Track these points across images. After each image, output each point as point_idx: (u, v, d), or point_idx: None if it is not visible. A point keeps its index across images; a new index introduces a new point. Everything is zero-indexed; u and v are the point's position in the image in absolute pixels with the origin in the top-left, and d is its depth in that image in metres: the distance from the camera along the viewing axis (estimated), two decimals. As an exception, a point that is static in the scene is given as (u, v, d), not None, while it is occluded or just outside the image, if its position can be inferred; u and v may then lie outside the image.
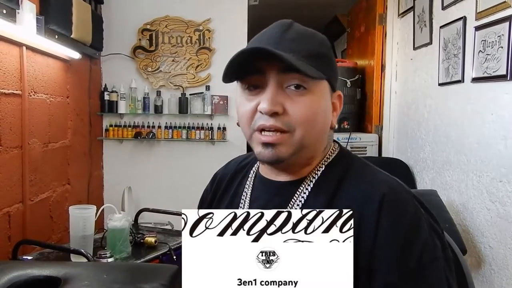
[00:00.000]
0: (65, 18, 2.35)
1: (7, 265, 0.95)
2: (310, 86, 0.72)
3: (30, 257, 1.79)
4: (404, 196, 0.73)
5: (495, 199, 1.88)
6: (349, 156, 0.83)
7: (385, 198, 0.70)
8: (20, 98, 2.07)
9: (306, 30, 0.77)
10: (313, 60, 0.72)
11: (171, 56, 3.26)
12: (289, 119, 0.72)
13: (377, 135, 3.23)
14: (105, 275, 0.89)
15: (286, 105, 0.71)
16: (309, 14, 4.65)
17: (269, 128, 0.72)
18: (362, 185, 0.74)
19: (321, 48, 0.76)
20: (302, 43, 0.73)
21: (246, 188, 0.86)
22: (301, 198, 0.77)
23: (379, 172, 0.78)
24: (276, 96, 0.71)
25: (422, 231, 0.69)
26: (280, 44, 0.72)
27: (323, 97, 0.75)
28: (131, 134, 3.23)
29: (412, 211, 0.71)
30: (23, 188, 2.09)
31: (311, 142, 0.75)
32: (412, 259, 0.67)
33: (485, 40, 1.91)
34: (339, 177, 0.77)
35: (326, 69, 0.74)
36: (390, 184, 0.74)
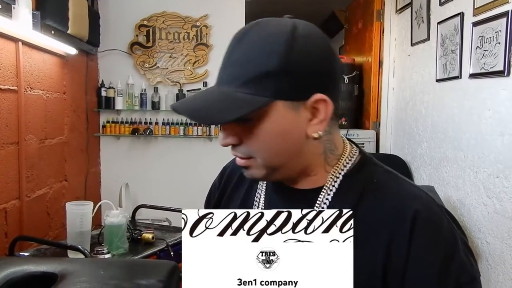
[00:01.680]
0: (62, 13, 2.34)
1: (3, 261, 0.95)
2: (256, 116, 0.67)
3: (27, 253, 1.79)
4: (437, 212, 0.69)
5: (492, 195, 1.89)
6: (371, 163, 0.77)
7: (418, 215, 0.66)
8: (16, 94, 2.06)
9: (263, 36, 0.67)
10: (254, 85, 0.66)
11: (168, 52, 3.25)
12: (246, 148, 0.71)
13: (375, 131, 3.24)
14: (102, 271, 0.89)
15: (242, 136, 0.70)
16: (307, 10, 4.64)
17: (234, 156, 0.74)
18: (389, 198, 0.70)
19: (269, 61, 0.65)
20: (245, 64, 0.67)
21: (259, 191, 0.83)
22: (324, 204, 0.74)
23: (406, 184, 0.74)
24: (231, 131, 0.71)
25: (458, 250, 0.67)
26: (223, 73, 0.70)
27: (274, 120, 0.67)
28: (128, 130, 3.22)
29: (447, 229, 0.68)
30: (19, 184, 2.08)
31: (279, 163, 0.71)
32: (451, 279, 0.65)
33: (483, 36, 1.91)
34: (361, 188, 0.72)
35: (275, 88, 0.66)
36: (421, 199, 0.70)
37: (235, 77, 0.67)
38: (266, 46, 0.66)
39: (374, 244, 0.68)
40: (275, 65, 0.65)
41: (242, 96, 0.66)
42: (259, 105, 0.66)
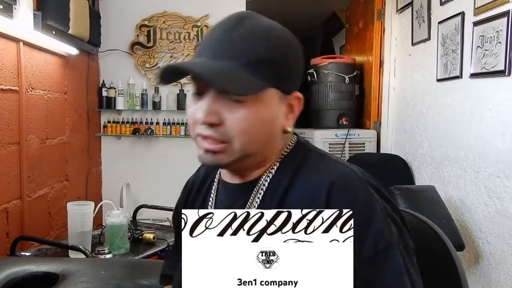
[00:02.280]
0: (63, 13, 2.34)
1: (5, 262, 0.95)
2: (249, 97, 0.68)
3: (28, 253, 1.79)
4: (355, 183, 0.70)
5: (493, 194, 1.89)
6: (305, 148, 0.79)
7: (333, 186, 0.68)
8: (18, 94, 2.07)
9: (260, 27, 0.71)
10: (256, 68, 0.68)
11: (169, 52, 3.26)
12: (226, 129, 0.69)
13: (376, 131, 3.24)
14: (103, 271, 0.90)
15: (224, 115, 0.68)
16: (307, 10, 4.64)
17: (206, 138, 0.70)
18: (312, 176, 0.72)
19: (269, 50, 0.69)
20: (248, 46, 0.68)
21: (212, 193, 0.85)
22: (257, 199, 0.75)
23: (333, 162, 0.75)
24: (213, 106, 0.68)
25: (375, 217, 0.67)
26: (221, 48, 0.69)
27: (266, 106, 0.70)
28: (129, 130, 3.22)
29: (363, 198, 0.68)
30: (21, 184, 2.08)
31: (254, 150, 0.72)
32: (367, 247, 0.65)
33: (483, 35, 1.91)
34: (292, 173, 0.74)
35: (272, 76, 0.69)
36: (340, 171, 0.72)
37: (235, 55, 0.68)
38: (266, 36, 0.70)
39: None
40: (275, 54, 0.69)
41: (247, 76, 0.67)
42: (264, 87, 0.69)
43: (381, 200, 0.70)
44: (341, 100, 3.30)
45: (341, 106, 3.30)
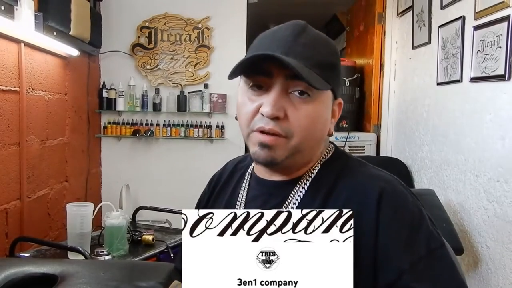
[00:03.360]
0: (64, 15, 2.35)
1: (4, 262, 0.95)
2: (314, 94, 0.72)
3: (27, 254, 1.79)
4: (402, 190, 0.75)
5: (493, 198, 1.89)
6: (344, 155, 0.83)
7: (383, 191, 0.71)
8: (18, 95, 2.07)
9: (319, 36, 0.76)
10: (321, 70, 0.72)
11: (170, 54, 3.26)
12: (289, 125, 0.72)
13: (376, 134, 3.24)
14: (102, 273, 0.89)
15: (288, 111, 0.71)
16: (308, 13, 4.64)
17: (268, 131, 0.72)
18: (358, 180, 0.75)
19: (331, 57, 0.76)
20: (314, 50, 0.73)
21: (242, 188, 0.86)
22: (297, 197, 0.77)
23: (374, 169, 0.79)
24: (279, 101, 0.71)
25: (424, 221, 0.71)
26: (292, 49, 0.71)
27: (325, 105, 0.76)
28: (129, 131, 3.23)
29: (412, 203, 0.73)
30: (20, 185, 2.08)
31: (307, 148, 0.76)
32: (421, 246, 0.69)
33: (484, 40, 1.91)
34: (335, 175, 0.77)
35: (332, 79, 0.75)
36: (386, 178, 0.76)
37: (305, 57, 0.71)
38: (327, 44, 0.77)
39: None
40: (336, 60, 0.77)
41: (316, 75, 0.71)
42: (329, 87, 0.74)
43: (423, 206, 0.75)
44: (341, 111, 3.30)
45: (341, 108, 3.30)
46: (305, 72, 0.68)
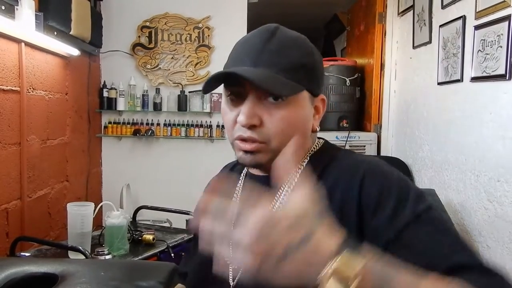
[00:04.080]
0: (64, 14, 2.35)
1: (4, 262, 0.95)
2: (287, 98, 0.74)
3: (28, 253, 1.79)
4: (386, 166, 0.77)
5: (493, 198, 1.89)
6: (334, 148, 0.86)
7: (366, 170, 0.74)
8: (19, 95, 2.07)
9: (290, 37, 0.77)
10: (292, 73, 0.74)
11: (170, 54, 3.26)
12: (266, 131, 0.74)
13: (376, 134, 3.24)
14: (102, 273, 0.89)
15: (263, 117, 0.74)
16: (309, 12, 4.64)
17: (247, 139, 0.75)
18: (343, 164, 0.78)
19: (303, 57, 0.77)
20: (283, 54, 0.75)
21: (238, 187, 0.90)
22: (286, 191, 0.79)
23: (362, 155, 0.83)
24: (253, 109, 0.74)
25: (411, 188, 0.72)
26: (260, 58, 0.74)
27: (301, 107, 0.77)
28: (130, 131, 3.23)
29: (396, 175, 0.75)
30: (21, 184, 2.08)
31: None
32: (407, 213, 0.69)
33: (485, 39, 1.91)
34: (323, 164, 0.79)
35: (307, 79, 0.76)
36: (372, 159, 0.79)
37: (273, 63, 0.73)
38: (298, 45, 0.77)
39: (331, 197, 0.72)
40: (307, 60, 0.77)
41: (285, 80, 0.73)
42: (301, 89, 0.75)
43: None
44: (341, 103, 3.30)
45: (342, 108, 3.30)
46: (269, 82, 0.71)
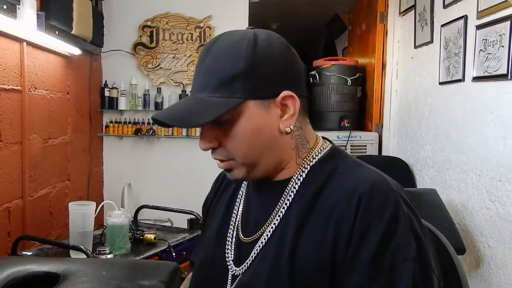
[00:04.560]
0: (66, 14, 2.35)
1: (6, 261, 0.95)
2: (230, 117, 0.73)
3: (30, 252, 1.79)
4: (386, 194, 0.71)
5: (495, 198, 1.89)
6: (340, 155, 0.82)
7: (362, 198, 0.70)
8: (20, 94, 2.07)
9: (224, 48, 0.74)
10: (224, 89, 0.72)
11: (171, 53, 3.26)
12: (225, 150, 0.77)
13: (377, 133, 3.23)
14: (104, 272, 0.90)
15: (220, 138, 0.76)
16: (310, 12, 4.64)
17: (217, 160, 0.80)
18: (345, 183, 0.74)
19: (235, 67, 0.71)
20: (214, 71, 0.73)
21: (243, 188, 0.90)
22: (289, 197, 0.78)
23: (367, 169, 0.77)
24: (209, 134, 0.76)
25: (398, 232, 0.68)
26: (196, 81, 0.76)
27: (248, 118, 0.73)
28: (131, 130, 3.23)
29: (390, 212, 0.69)
30: (23, 183, 2.09)
31: (257, 159, 0.77)
32: (386, 260, 0.67)
33: (486, 39, 1.91)
34: (325, 177, 0.77)
35: (243, 89, 0.72)
36: (373, 181, 0.73)
37: (206, 84, 0.73)
38: (231, 53, 0.73)
39: (327, 227, 0.72)
40: (240, 68, 0.71)
41: (216, 100, 0.72)
42: (232, 106, 0.72)
43: (408, 213, 0.71)
44: (343, 102, 3.30)
45: (343, 108, 3.30)
46: (183, 117, 0.73)
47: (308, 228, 0.74)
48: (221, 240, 0.86)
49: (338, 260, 0.70)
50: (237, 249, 0.83)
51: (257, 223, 0.81)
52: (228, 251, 0.84)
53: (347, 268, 0.69)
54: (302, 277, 0.71)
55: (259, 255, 0.78)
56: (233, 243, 0.84)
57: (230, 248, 0.84)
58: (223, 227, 0.88)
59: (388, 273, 0.67)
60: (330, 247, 0.70)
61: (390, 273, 0.67)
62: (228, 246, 0.85)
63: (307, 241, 0.73)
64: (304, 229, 0.74)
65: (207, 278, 0.86)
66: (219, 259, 0.84)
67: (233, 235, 0.85)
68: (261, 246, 0.78)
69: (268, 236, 0.78)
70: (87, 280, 0.84)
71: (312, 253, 0.71)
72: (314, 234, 0.72)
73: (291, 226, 0.75)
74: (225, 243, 0.85)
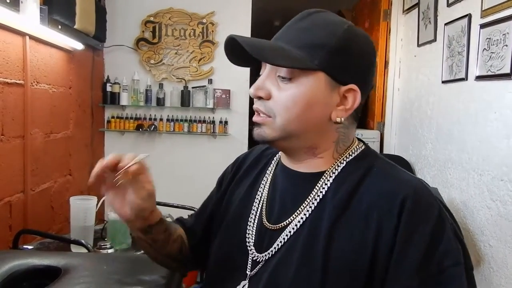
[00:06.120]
0: (69, 8, 2.34)
1: (7, 255, 0.95)
2: (296, 76, 0.73)
3: (31, 246, 1.80)
4: (428, 199, 0.72)
5: (496, 198, 1.88)
6: (374, 155, 0.82)
7: (406, 200, 0.70)
8: (23, 88, 2.07)
9: (323, 20, 0.76)
10: (308, 51, 0.72)
11: (174, 49, 3.26)
12: (271, 104, 0.75)
13: (379, 131, 3.23)
14: (105, 266, 0.90)
15: (272, 92, 0.75)
16: (313, 9, 4.63)
17: (255, 110, 0.78)
18: (385, 183, 0.74)
19: (328, 38, 0.73)
20: (308, 32, 0.74)
21: (268, 174, 0.88)
22: (320, 191, 0.77)
23: (404, 172, 0.78)
24: (263, 82, 0.76)
25: (445, 236, 0.69)
26: (285, 32, 0.77)
27: (311, 89, 0.73)
28: (133, 126, 3.23)
29: (436, 215, 0.70)
30: (24, 178, 2.09)
31: (297, 130, 0.76)
32: (434, 263, 0.67)
33: (490, 38, 1.90)
34: (361, 174, 0.76)
35: (327, 60, 0.72)
36: (413, 185, 0.73)
37: (293, 39, 0.74)
38: (329, 27, 0.75)
39: (367, 224, 0.71)
40: (331, 43, 0.73)
41: (295, 54, 0.72)
42: (308, 66, 0.73)
43: (449, 218, 0.72)
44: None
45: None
46: (264, 50, 0.73)
47: (344, 223, 0.72)
48: (241, 223, 0.84)
49: (379, 260, 0.69)
50: (258, 235, 0.81)
51: (284, 211, 0.79)
52: (249, 235, 0.82)
53: (394, 270, 0.68)
54: (335, 273, 0.70)
55: (287, 244, 0.76)
56: (255, 228, 0.82)
57: (251, 233, 0.82)
58: (242, 211, 0.86)
59: (438, 276, 0.67)
60: (371, 246, 0.69)
61: (439, 276, 0.67)
62: (249, 230, 0.83)
63: (343, 236, 0.71)
64: (339, 223, 0.72)
65: (226, 260, 0.85)
66: (238, 242, 0.83)
67: (255, 220, 0.83)
68: (290, 235, 0.76)
69: (298, 226, 0.76)
70: (88, 275, 0.84)
71: (349, 250, 0.70)
72: (352, 230, 0.71)
73: (325, 219, 0.74)
74: (245, 227, 0.83)
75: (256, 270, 0.78)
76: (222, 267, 0.85)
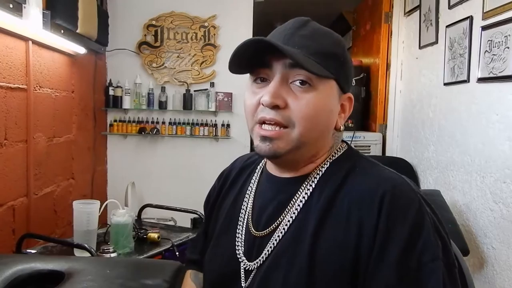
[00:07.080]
0: (71, 13, 2.35)
1: (11, 259, 0.96)
2: (315, 84, 0.72)
3: (34, 250, 1.80)
4: (408, 194, 0.71)
5: (499, 200, 1.88)
6: (356, 155, 0.82)
7: (385, 196, 0.69)
8: (26, 93, 2.08)
9: (322, 29, 0.77)
10: (322, 59, 0.72)
11: (176, 52, 3.27)
12: (290, 114, 0.72)
13: (381, 134, 3.23)
14: (108, 270, 0.90)
15: (288, 100, 0.72)
16: (315, 11, 4.63)
17: (269, 121, 0.72)
18: (365, 182, 0.73)
19: (334, 47, 0.75)
20: (314, 40, 0.73)
21: (252, 183, 0.88)
22: (304, 194, 0.77)
23: (385, 170, 0.77)
24: (279, 90, 0.72)
25: (424, 231, 0.68)
26: (291, 39, 0.73)
27: (328, 96, 0.74)
28: (135, 129, 3.24)
29: (415, 211, 0.69)
30: (27, 182, 2.10)
31: (311, 140, 0.75)
32: (413, 259, 0.67)
33: (492, 40, 1.90)
34: (344, 174, 0.76)
35: (335, 69, 0.74)
36: (394, 181, 0.73)
37: (304, 45, 0.72)
38: (330, 37, 0.76)
39: (348, 224, 0.71)
40: (339, 51, 0.75)
41: (313, 61, 0.71)
42: (330, 76, 0.73)
43: (430, 213, 0.71)
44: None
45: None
46: (301, 58, 0.69)
47: (328, 224, 0.72)
48: (229, 235, 0.85)
49: (361, 258, 0.69)
50: (247, 244, 0.81)
51: (270, 218, 0.79)
52: (238, 246, 0.82)
53: (373, 267, 0.68)
54: (322, 273, 0.70)
55: (276, 249, 0.76)
56: (243, 237, 0.83)
57: (240, 242, 0.83)
58: (230, 223, 0.86)
59: (416, 272, 0.66)
60: (353, 245, 0.69)
61: (418, 272, 0.66)
62: (238, 240, 0.83)
63: (327, 237, 0.71)
64: (324, 225, 0.73)
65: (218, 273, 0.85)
66: (229, 254, 0.83)
67: (242, 229, 0.84)
68: (278, 240, 0.76)
69: (285, 230, 0.76)
70: (92, 279, 0.84)
71: (333, 250, 0.70)
72: (335, 231, 0.71)
73: (309, 221, 0.74)
74: (234, 238, 0.84)
75: (250, 280, 0.78)
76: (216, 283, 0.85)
